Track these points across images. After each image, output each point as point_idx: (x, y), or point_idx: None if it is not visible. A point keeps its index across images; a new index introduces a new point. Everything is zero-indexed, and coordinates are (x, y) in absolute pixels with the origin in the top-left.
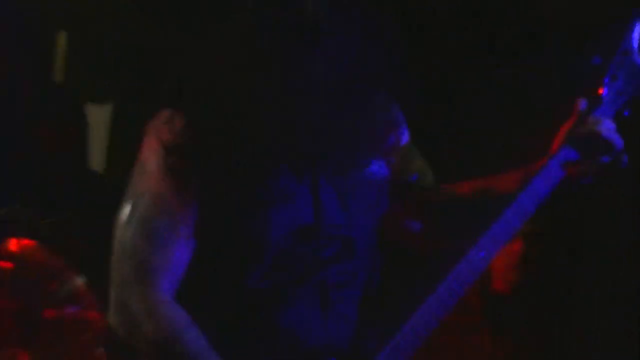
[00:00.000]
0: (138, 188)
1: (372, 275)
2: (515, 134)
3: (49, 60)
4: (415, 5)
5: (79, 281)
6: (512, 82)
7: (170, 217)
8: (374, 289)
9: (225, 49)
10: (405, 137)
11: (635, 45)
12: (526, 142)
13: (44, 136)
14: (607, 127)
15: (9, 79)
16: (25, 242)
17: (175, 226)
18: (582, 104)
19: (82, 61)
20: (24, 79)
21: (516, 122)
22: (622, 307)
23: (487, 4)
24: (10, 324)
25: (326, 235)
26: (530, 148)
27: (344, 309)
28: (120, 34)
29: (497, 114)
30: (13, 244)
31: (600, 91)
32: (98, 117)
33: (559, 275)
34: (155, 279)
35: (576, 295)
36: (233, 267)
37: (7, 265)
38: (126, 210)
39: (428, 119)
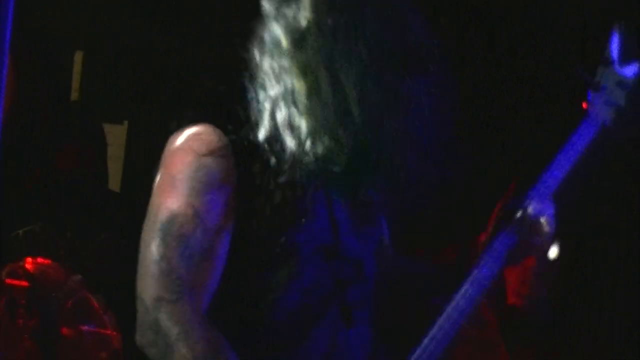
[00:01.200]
0: (172, 204)
1: (380, 297)
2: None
3: (67, 80)
4: None
5: (95, 299)
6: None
7: (207, 235)
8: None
9: (263, 66)
10: None
11: (616, 55)
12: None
13: (62, 155)
14: (544, 210)
15: (27, 99)
16: (42, 261)
17: (211, 244)
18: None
19: (99, 80)
20: (42, 99)
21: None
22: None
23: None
24: (27, 341)
25: (341, 257)
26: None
27: (362, 326)
28: (139, 51)
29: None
30: (29, 263)
31: (584, 104)
32: (116, 136)
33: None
34: (191, 298)
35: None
36: (263, 285)
37: (24, 284)
38: (158, 226)
39: None
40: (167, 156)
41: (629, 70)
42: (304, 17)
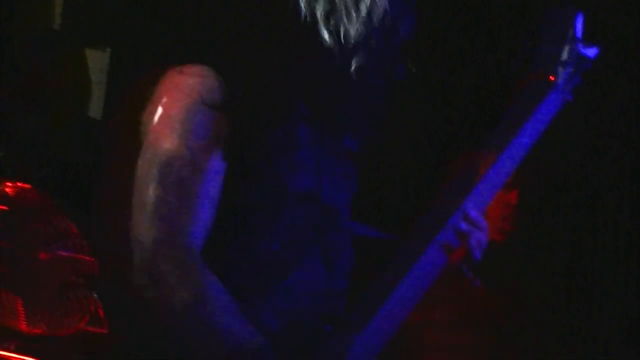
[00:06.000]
0: (170, 146)
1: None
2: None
3: (49, 6)
4: None
5: (72, 225)
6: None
7: (205, 178)
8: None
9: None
10: None
11: (579, 34)
12: None
13: (42, 80)
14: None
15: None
16: (20, 185)
17: (208, 187)
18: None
19: (82, 5)
20: (20, 24)
21: None
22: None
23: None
24: (4, 265)
25: (321, 204)
26: None
27: (342, 268)
28: None
29: None
30: (8, 187)
31: (552, 78)
32: (97, 63)
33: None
34: (190, 241)
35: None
36: (249, 227)
37: (2, 207)
38: (156, 168)
39: None
40: (166, 94)
41: (591, 52)
42: None
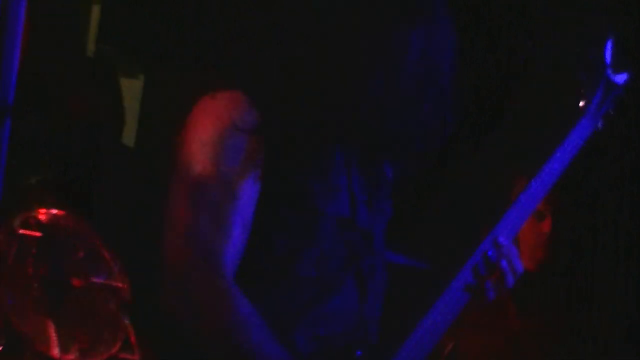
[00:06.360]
0: (203, 170)
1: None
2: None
3: (83, 32)
4: None
5: (106, 250)
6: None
7: (237, 201)
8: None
9: (296, 30)
10: None
11: (609, 60)
12: None
13: (76, 107)
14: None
15: (41, 50)
16: (54, 211)
17: (240, 210)
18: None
19: (116, 33)
20: (56, 51)
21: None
22: None
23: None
24: (37, 292)
25: (355, 228)
26: None
27: (374, 296)
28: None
29: None
30: (42, 214)
31: (582, 104)
32: (131, 90)
33: (584, 252)
34: (223, 264)
35: (600, 274)
36: (284, 250)
37: (36, 234)
38: (188, 191)
39: None
40: (198, 119)
41: (620, 78)
42: None
